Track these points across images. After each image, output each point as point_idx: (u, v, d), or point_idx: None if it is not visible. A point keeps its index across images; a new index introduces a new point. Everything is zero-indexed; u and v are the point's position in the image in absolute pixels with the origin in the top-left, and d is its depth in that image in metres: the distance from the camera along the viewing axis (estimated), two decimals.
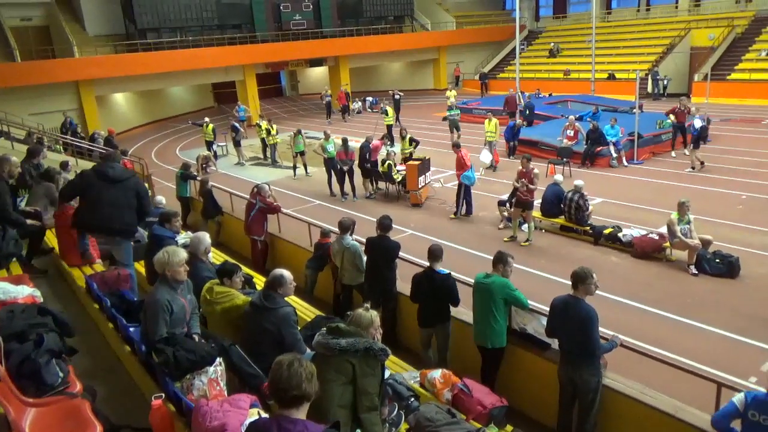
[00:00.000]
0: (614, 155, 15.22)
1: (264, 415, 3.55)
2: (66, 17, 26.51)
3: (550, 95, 25.68)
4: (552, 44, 34.66)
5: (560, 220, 10.57)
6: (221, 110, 30.74)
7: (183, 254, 4.43)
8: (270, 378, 2.57)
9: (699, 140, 14.38)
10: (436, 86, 36.39)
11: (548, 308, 5.05)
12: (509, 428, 4.66)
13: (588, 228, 10.11)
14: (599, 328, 4.70)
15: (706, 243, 8.76)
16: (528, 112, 19.76)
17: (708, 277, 8.47)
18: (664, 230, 9.06)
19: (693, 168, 14.24)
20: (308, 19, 30.97)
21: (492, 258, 5.61)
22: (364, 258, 6.87)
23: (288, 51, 30.20)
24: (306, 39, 30.53)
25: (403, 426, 4.30)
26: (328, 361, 3.60)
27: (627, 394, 4.74)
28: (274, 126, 18.84)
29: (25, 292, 5.05)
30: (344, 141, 13.85)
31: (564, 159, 14.86)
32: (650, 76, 27.23)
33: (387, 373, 4.59)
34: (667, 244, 9.04)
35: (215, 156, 18.96)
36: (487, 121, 16.16)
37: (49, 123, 21.82)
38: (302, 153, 16.39)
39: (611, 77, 28.96)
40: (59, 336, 4.31)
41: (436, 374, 5.03)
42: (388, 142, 14.43)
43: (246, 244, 9.60)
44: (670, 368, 4.81)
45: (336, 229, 7.44)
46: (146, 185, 6.05)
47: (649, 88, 26.98)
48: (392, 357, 5.33)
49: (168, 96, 33.05)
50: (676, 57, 28.51)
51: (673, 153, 16.02)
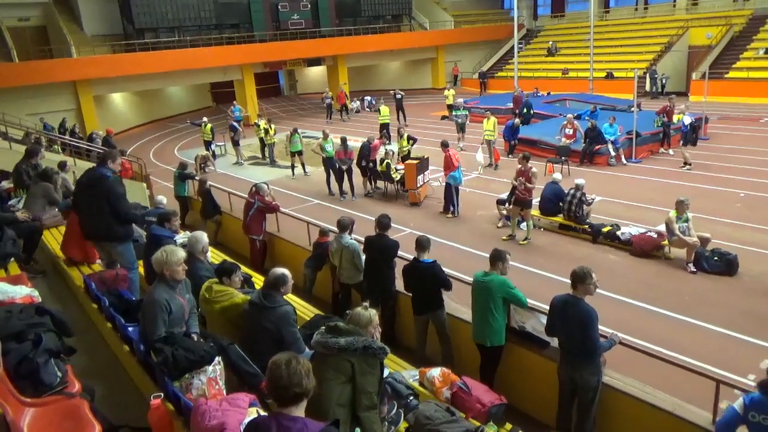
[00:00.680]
0: (612, 154, 15.22)
1: (263, 414, 3.55)
2: (63, 17, 26.46)
3: (549, 94, 25.68)
4: (550, 43, 34.67)
5: (559, 219, 10.57)
6: (219, 110, 30.70)
7: (181, 253, 4.44)
8: (268, 378, 2.55)
9: (690, 137, 14.44)
10: (435, 85, 36.38)
11: (547, 306, 5.05)
12: (508, 426, 4.66)
13: (587, 226, 10.12)
14: (599, 327, 4.71)
15: (705, 241, 8.77)
16: (525, 111, 19.76)
17: (706, 275, 8.49)
18: (663, 228, 9.07)
19: (689, 164, 14.32)
20: (306, 19, 30.94)
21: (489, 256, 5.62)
22: (363, 257, 6.87)
23: (286, 50, 30.17)
24: (304, 38, 30.51)
25: (403, 424, 4.29)
26: (327, 360, 3.60)
27: (626, 392, 4.75)
28: (273, 125, 18.82)
29: (23, 292, 5.03)
30: (343, 140, 13.84)
31: (562, 158, 14.86)
32: (648, 75, 27.25)
33: (386, 372, 4.59)
34: (666, 242, 9.05)
35: (214, 156, 18.95)
36: (486, 120, 16.16)
37: (47, 123, 21.78)
38: (300, 153, 16.36)
39: (609, 76, 28.97)
40: (57, 336, 4.29)
41: (435, 372, 5.03)
42: (387, 141, 14.41)
43: (245, 244, 9.59)
44: (669, 366, 4.81)
45: (335, 228, 7.44)
46: (121, 188, 5.98)
47: (648, 87, 27.00)
48: (391, 355, 5.33)
49: (166, 96, 33.01)
50: (674, 56, 28.53)
51: (671, 151, 16.05)
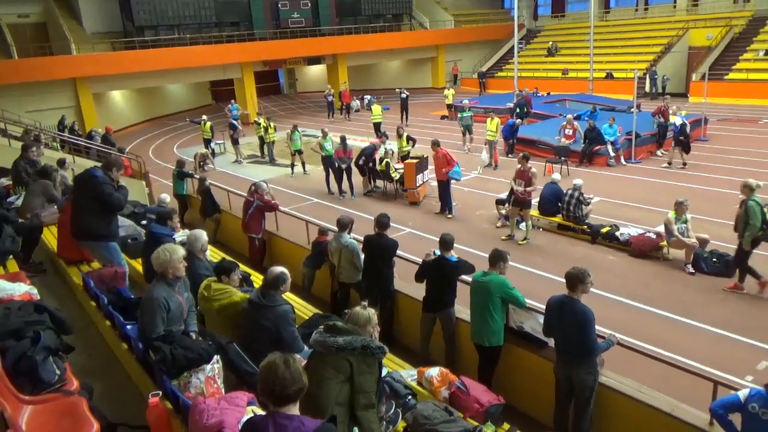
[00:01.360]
0: (612, 154, 15.24)
1: (260, 413, 3.56)
2: (63, 14, 26.42)
3: (548, 94, 25.69)
4: (550, 43, 34.67)
5: (558, 219, 10.58)
6: (219, 108, 30.67)
7: (182, 251, 4.52)
8: (265, 378, 2.52)
9: (678, 140, 14.51)
10: (435, 85, 36.36)
11: (545, 306, 5.07)
12: (506, 426, 4.67)
13: (585, 227, 10.13)
14: (595, 327, 4.71)
15: (703, 242, 8.79)
16: (519, 110, 19.73)
17: (705, 276, 8.50)
18: (662, 229, 9.09)
19: (672, 164, 14.68)
20: (306, 17, 30.91)
21: (489, 256, 5.63)
22: (362, 256, 6.87)
23: (286, 49, 30.14)
24: (304, 37, 30.47)
25: (401, 424, 4.31)
26: (326, 359, 3.60)
27: (623, 392, 4.76)
28: (273, 124, 18.81)
29: (22, 290, 5.03)
30: (342, 139, 13.83)
31: (562, 158, 14.87)
32: (648, 76, 27.26)
33: (384, 371, 4.60)
34: (664, 243, 9.07)
35: (213, 154, 18.93)
36: (489, 120, 16.06)
37: (47, 120, 21.76)
38: (300, 151, 16.35)
39: (609, 76, 28.98)
40: (56, 333, 4.30)
41: (434, 372, 5.04)
42: (386, 140, 14.41)
43: (244, 242, 9.59)
44: (667, 367, 4.82)
45: (334, 227, 7.44)
46: (109, 186, 6.09)
47: (647, 88, 27.01)
48: (390, 355, 5.33)
49: (166, 94, 32.98)
50: (674, 56, 28.54)
51: (660, 152, 16.11)
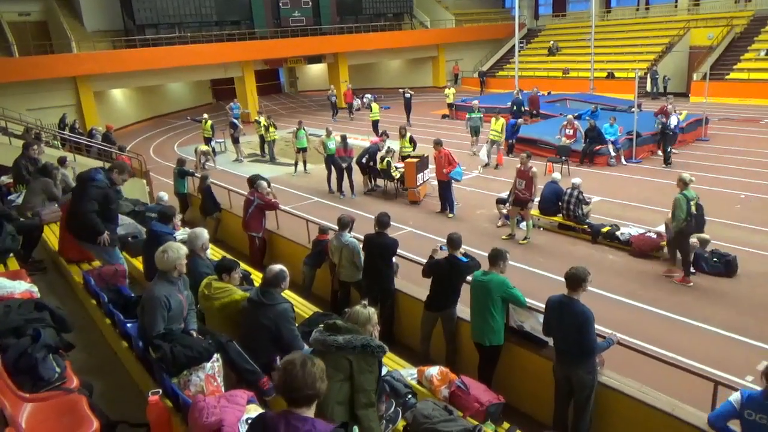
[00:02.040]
0: (613, 154, 15.23)
1: (260, 411, 3.56)
2: (64, 13, 26.42)
3: (549, 94, 25.66)
4: (551, 42, 34.64)
5: (558, 218, 10.58)
6: (220, 107, 30.68)
7: (185, 249, 4.57)
8: (282, 377, 2.51)
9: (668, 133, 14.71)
10: (435, 84, 36.35)
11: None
12: (506, 425, 4.66)
13: (586, 226, 10.13)
14: (595, 327, 4.71)
15: (704, 242, 8.78)
16: (515, 108, 19.76)
17: (705, 276, 8.50)
18: (662, 229, 9.08)
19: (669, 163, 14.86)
20: (307, 16, 30.89)
21: (489, 255, 5.62)
22: (362, 255, 6.87)
23: (287, 48, 30.13)
24: (305, 36, 30.45)
25: (401, 423, 4.30)
26: (326, 358, 3.58)
27: (624, 392, 4.75)
28: (273, 121, 18.81)
29: (23, 287, 5.04)
30: (343, 138, 13.83)
31: (562, 157, 14.86)
32: (649, 75, 27.24)
33: (384, 370, 4.60)
34: (665, 243, 9.05)
35: (214, 152, 18.91)
36: (494, 120, 15.97)
37: (47, 119, 21.77)
38: (304, 150, 16.27)
39: (610, 76, 28.96)
40: (56, 331, 4.30)
41: (434, 371, 5.03)
42: (386, 138, 14.40)
43: (244, 241, 9.59)
44: (667, 366, 4.82)
45: (334, 226, 7.44)
46: (98, 194, 6.10)
47: (648, 87, 26.99)
48: (390, 354, 5.33)
49: (166, 92, 32.98)
50: (675, 56, 28.52)
51: (659, 152, 16.08)
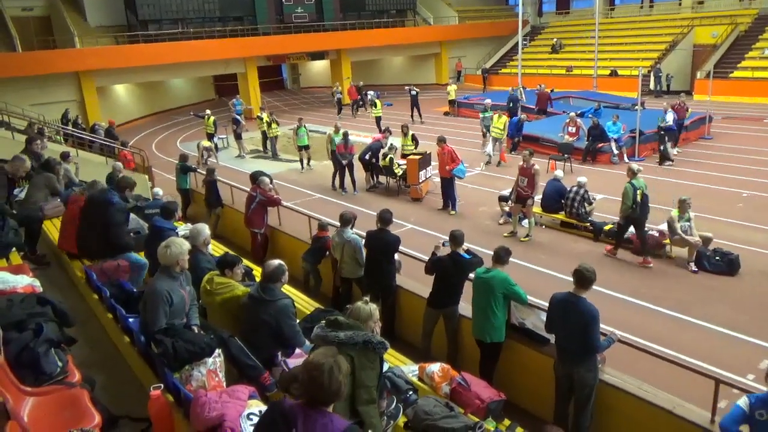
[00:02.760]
0: (615, 152, 15.19)
1: (262, 407, 3.56)
2: (67, 7, 26.41)
3: (553, 91, 25.56)
4: (555, 40, 34.55)
5: (561, 216, 10.56)
6: (222, 103, 30.67)
7: (188, 244, 4.59)
8: (307, 378, 2.47)
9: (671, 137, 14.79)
10: (438, 81, 36.27)
11: (548, 304, 5.06)
12: (507, 422, 4.67)
13: (588, 224, 10.12)
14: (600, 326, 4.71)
15: (706, 240, 8.76)
16: (511, 105, 19.74)
17: (707, 275, 8.49)
18: (665, 227, 9.06)
19: (671, 161, 14.84)
20: (310, 12, 30.85)
21: (492, 253, 5.62)
22: (364, 252, 6.87)
23: (289, 44, 30.09)
24: (308, 32, 30.41)
25: (402, 419, 4.31)
26: None
27: (625, 390, 4.75)
28: (275, 119, 18.79)
29: (25, 282, 5.04)
30: (345, 135, 13.82)
31: (565, 155, 14.83)
32: (652, 74, 27.15)
33: (386, 367, 4.61)
34: (668, 241, 9.04)
35: (216, 148, 18.90)
36: (496, 117, 15.91)
37: (50, 114, 21.78)
38: (306, 147, 16.25)
39: (613, 74, 28.88)
40: (58, 326, 4.31)
41: (435, 368, 5.04)
42: (389, 135, 14.39)
43: (246, 237, 9.60)
44: (669, 364, 4.81)
45: (335, 223, 7.43)
46: (122, 216, 6.25)
47: (651, 85, 26.91)
48: (391, 350, 5.34)
49: (169, 88, 32.98)
50: (679, 54, 28.43)
51: (676, 150, 15.97)
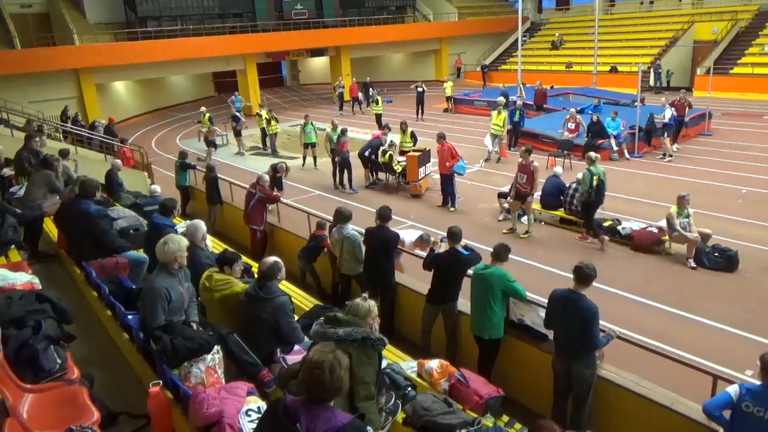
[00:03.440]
0: (615, 148, 15.17)
1: (261, 403, 3.58)
2: (66, 4, 26.37)
3: (552, 87, 25.56)
4: (556, 35, 34.50)
5: (560, 213, 10.57)
6: (222, 99, 30.62)
7: (185, 241, 4.62)
8: (308, 375, 2.48)
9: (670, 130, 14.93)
10: (438, 77, 36.22)
11: (547, 300, 5.07)
12: (505, 418, 4.68)
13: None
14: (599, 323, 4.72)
15: (705, 237, 8.77)
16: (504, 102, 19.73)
17: (706, 271, 8.49)
18: (664, 224, 9.06)
19: (669, 156, 14.90)
20: (309, 9, 30.81)
21: (491, 249, 5.63)
22: (363, 248, 6.87)
23: (289, 40, 30.04)
24: (307, 28, 30.36)
25: (400, 415, 4.32)
26: None
27: (623, 386, 4.76)
28: (274, 114, 18.76)
29: (24, 279, 5.06)
30: (343, 132, 13.83)
31: (564, 152, 14.82)
32: (652, 70, 27.12)
33: (384, 363, 4.61)
34: (666, 238, 9.04)
35: (214, 145, 18.68)
36: (495, 114, 15.73)
37: (49, 111, 21.76)
38: (313, 145, 15.91)
39: (613, 70, 28.85)
40: (57, 323, 4.32)
41: (434, 364, 5.04)
42: (388, 132, 14.37)
43: (245, 234, 9.60)
44: (667, 361, 4.82)
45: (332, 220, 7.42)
46: (105, 222, 6.17)
47: (651, 82, 26.88)
48: (390, 347, 5.35)
49: (168, 85, 32.95)
50: (679, 50, 28.38)
51: (675, 146, 15.94)
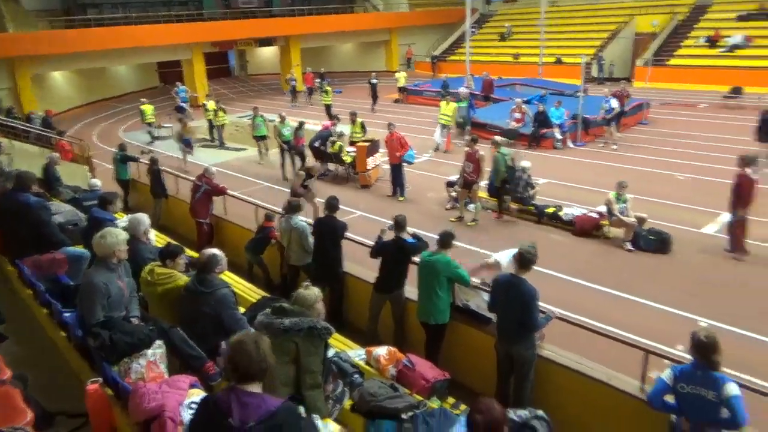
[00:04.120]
0: (559, 137, 15.61)
1: (203, 395, 3.54)
2: None
3: (500, 78, 25.99)
4: (506, 26, 35.05)
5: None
6: (166, 90, 29.72)
7: (124, 234, 4.53)
8: (233, 355, 2.58)
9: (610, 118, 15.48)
10: (389, 68, 36.26)
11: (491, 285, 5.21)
12: (451, 400, 4.79)
13: (532, 207, 10.42)
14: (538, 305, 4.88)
15: (642, 221, 9.16)
16: (445, 91, 20.16)
17: (642, 253, 8.91)
18: (603, 209, 9.43)
19: (614, 144, 15.37)
20: None
21: (437, 237, 5.73)
22: (311, 239, 6.86)
23: (237, 30, 29.41)
24: (255, 18, 29.80)
25: (348, 402, 4.37)
26: (271, 342, 3.61)
27: (562, 364, 4.96)
28: (222, 107, 18.37)
29: None
30: (300, 125, 13.78)
31: (511, 141, 15.14)
32: (596, 61, 27.97)
33: (332, 352, 4.65)
34: (606, 222, 9.42)
35: (189, 145, 17.38)
36: (445, 104, 15.92)
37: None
38: (264, 137, 15.51)
39: (558, 62, 29.58)
40: None
41: (382, 351, 5.11)
42: (337, 122, 14.34)
43: (192, 227, 9.41)
44: (605, 339, 5.04)
45: (282, 212, 7.38)
46: (46, 214, 6.04)
47: (594, 73, 27.72)
48: (338, 336, 5.39)
49: (111, 75, 31.71)
50: (621, 42, 29.36)
51: (618, 134, 16.47)
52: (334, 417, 4.12)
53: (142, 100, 18.93)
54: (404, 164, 11.93)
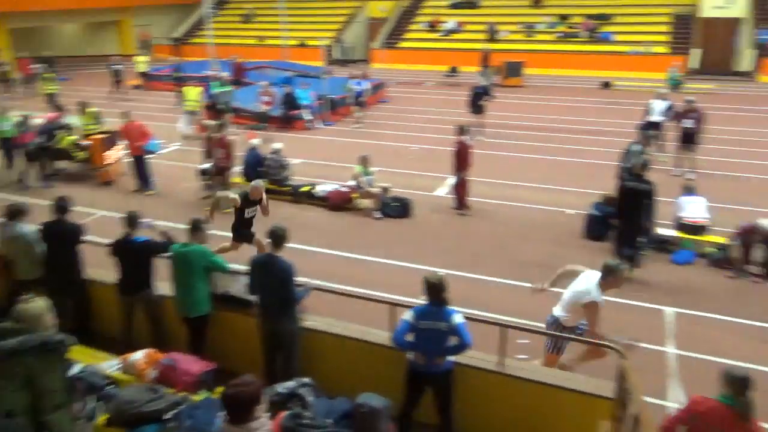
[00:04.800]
0: (309, 118, 16.21)
1: None
2: None
3: (246, 62, 25.68)
4: (248, 9, 34.60)
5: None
6: None
7: None
8: None
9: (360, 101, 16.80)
10: (124, 51, 32.93)
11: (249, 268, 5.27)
12: (220, 389, 4.74)
13: (288, 188, 10.71)
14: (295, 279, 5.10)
15: (385, 190, 10.15)
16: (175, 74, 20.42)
17: (390, 219, 9.91)
18: (352, 183, 10.17)
19: (360, 124, 16.63)
20: None
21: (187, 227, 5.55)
22: (41, 247, 6.02)
23: None
24: None
25: (103, 417, 4.06)
26: None
27: (322, 330, 5.31)
28: None
29: None
30: (25, 119, 11.77)
31: (263, 124, 15.22)
32: (335, 44, 29.51)
33: (78, 368, 4.25)
34: (356, 195, 10.19)
35: None
36: (188, 89, 15.30)
37: None
38: None
39: (302, 45, 30.43)
40: None
41: (139, 356, 4.85)
42: (64, 114, 12.67)
43: None
44: (359, 301, 5.56)
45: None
46: None
47: (336, 55, 29.25)
48: (85, 349, 4.92)
49: None
50: (357, 26, 31.42)
51: (361, 113, 17.69)
52: None
53: None
54: (147, 155, 11.14)
